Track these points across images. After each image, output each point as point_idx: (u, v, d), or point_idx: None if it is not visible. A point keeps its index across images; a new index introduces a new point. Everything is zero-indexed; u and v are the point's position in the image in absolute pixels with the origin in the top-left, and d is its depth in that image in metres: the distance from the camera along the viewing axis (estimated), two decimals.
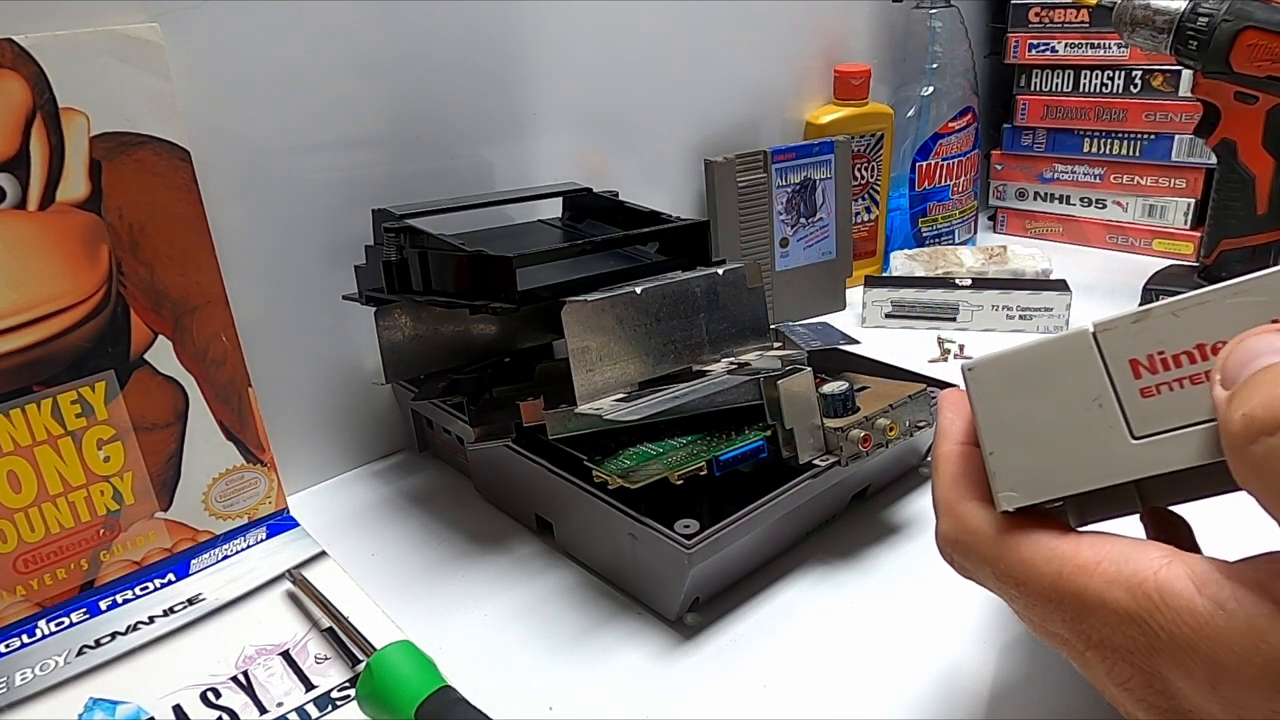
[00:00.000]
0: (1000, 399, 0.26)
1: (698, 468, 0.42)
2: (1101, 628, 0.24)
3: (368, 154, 0.55)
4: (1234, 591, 0.21)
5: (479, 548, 0.51)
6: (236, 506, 0.52)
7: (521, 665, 0.42)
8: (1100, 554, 0.24)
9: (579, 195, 0.60)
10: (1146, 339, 0.24)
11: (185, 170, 0.47)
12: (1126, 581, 0.23)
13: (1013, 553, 0.26)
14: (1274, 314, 0.22)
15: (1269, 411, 0.20)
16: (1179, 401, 0.24)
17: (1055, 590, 0.25)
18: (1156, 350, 0.24)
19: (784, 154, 0.74)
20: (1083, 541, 0.25)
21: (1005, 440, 0.26)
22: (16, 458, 0.44)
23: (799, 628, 0.44)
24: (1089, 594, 0.24)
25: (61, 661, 0.43)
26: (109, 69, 0.43)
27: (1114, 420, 0.24)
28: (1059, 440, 0.25)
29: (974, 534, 0.27)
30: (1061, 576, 0.24)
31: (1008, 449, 0.26)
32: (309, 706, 0.40)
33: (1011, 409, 0.26)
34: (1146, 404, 0.24)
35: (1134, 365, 0.24)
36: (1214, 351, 0.23)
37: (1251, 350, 0.22)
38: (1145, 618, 0.22)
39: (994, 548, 0.27)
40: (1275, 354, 0.21)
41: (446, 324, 0.53)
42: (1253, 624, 0.21)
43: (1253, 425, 0.20)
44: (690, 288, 0.49)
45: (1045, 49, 0.92)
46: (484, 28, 0.58)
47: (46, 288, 0.43)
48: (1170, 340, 0.24)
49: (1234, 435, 0.21)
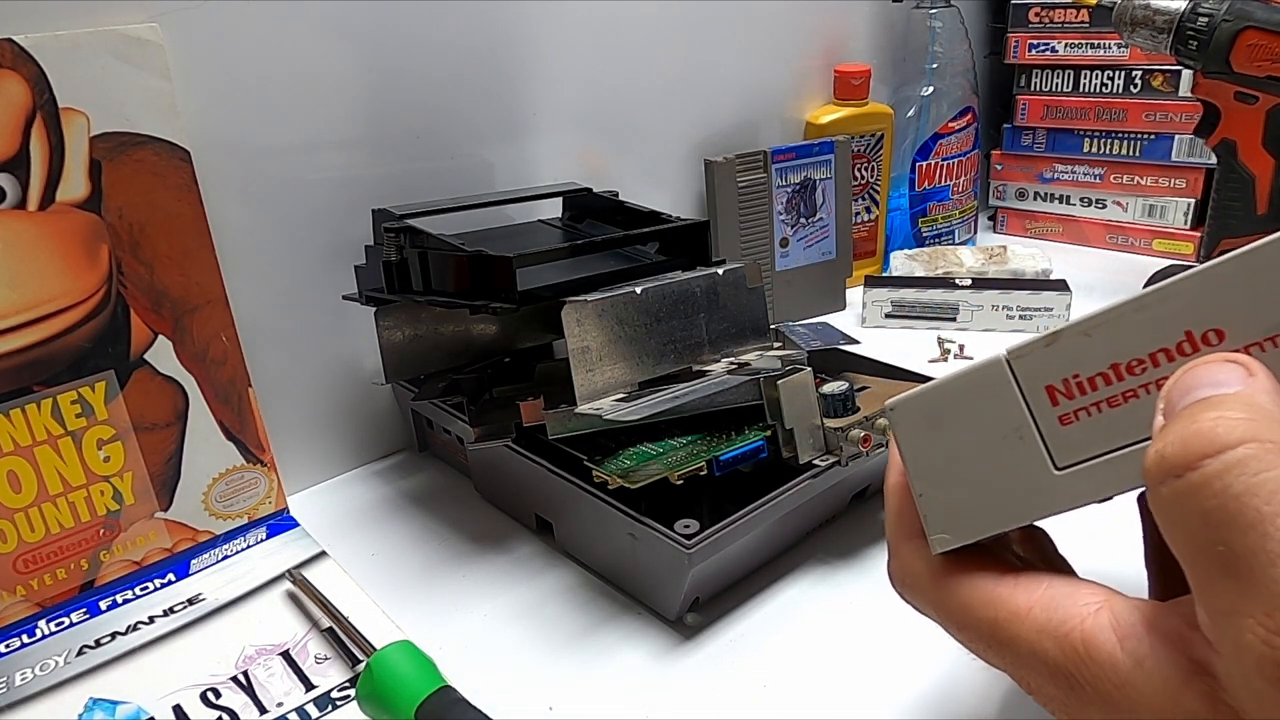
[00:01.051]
0: (924, 438, 0.25)
1: (698, 468, 0.42)
2: (1035, 678, 0.23)
3: (368, 154, 0.55)
4: (1152, 647, 0.21)
5: (479, 548, 0.51)
6: (236, 506, 0.52)
7: (521, 665, 0.42)
8: (1033, 599, 0.24)
9: (579, 195, 0.60)
10: (1060, 363, 0.23)
11: (185, 170, 0.47)
12: (1055, 631, 0.22)
13: (952, 597, 0.26)
14: (1185, 325, 0.21)
15: (1180, 452, 0.19)
16: (1099, 427, 0.22)
17: (993, 637, 0.24)
18: (1071, 374, 0.23)
19: (784, 154, 0.74)
20: (1019, 585, 0.24)
21: (933, 481, 0.25)
22: (16, 458, 0.44)
23: (799, 628, 0.44)
24: (1021, 643, 0.23)
25: (61, 661, 0.43)
26: (109, 69, 0.43)
27: (1036, 452, 0.23)
28: (985, 477, 0.24)
29: (916, 576, 0.27)
30: (997, 623, 0.24)
31: (936, 489, 0.25)
32: (309, 706, 0.40)
33: (936, 448, 0.25)
34: (1067, 432, 0.23)
35: (1050, 392, 0.23)
36: (1129, 371, 0.22)
37: (1193, 381, 0.21)
38: (1071, 670, 0.22)
39: (934, 591, 0.26)
40: (1213, 388, 0.20)
41: (446, 324, 0.53)
42: (1167, 685, 0.20)
43: (1163, 464, 0.20)
44: (690, 288, 0.49)
45: (1045, 49, 0.92)
46: (484, 28, 0.58)
47: (46, 288, 0.43)
48: (1084, 362, 0.22)
49: (1148, 472, 0.20)
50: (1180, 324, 0.21)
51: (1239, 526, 0.18)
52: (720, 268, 0.50)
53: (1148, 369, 0.22)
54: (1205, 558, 0.19)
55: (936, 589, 0.26)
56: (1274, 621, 0.18)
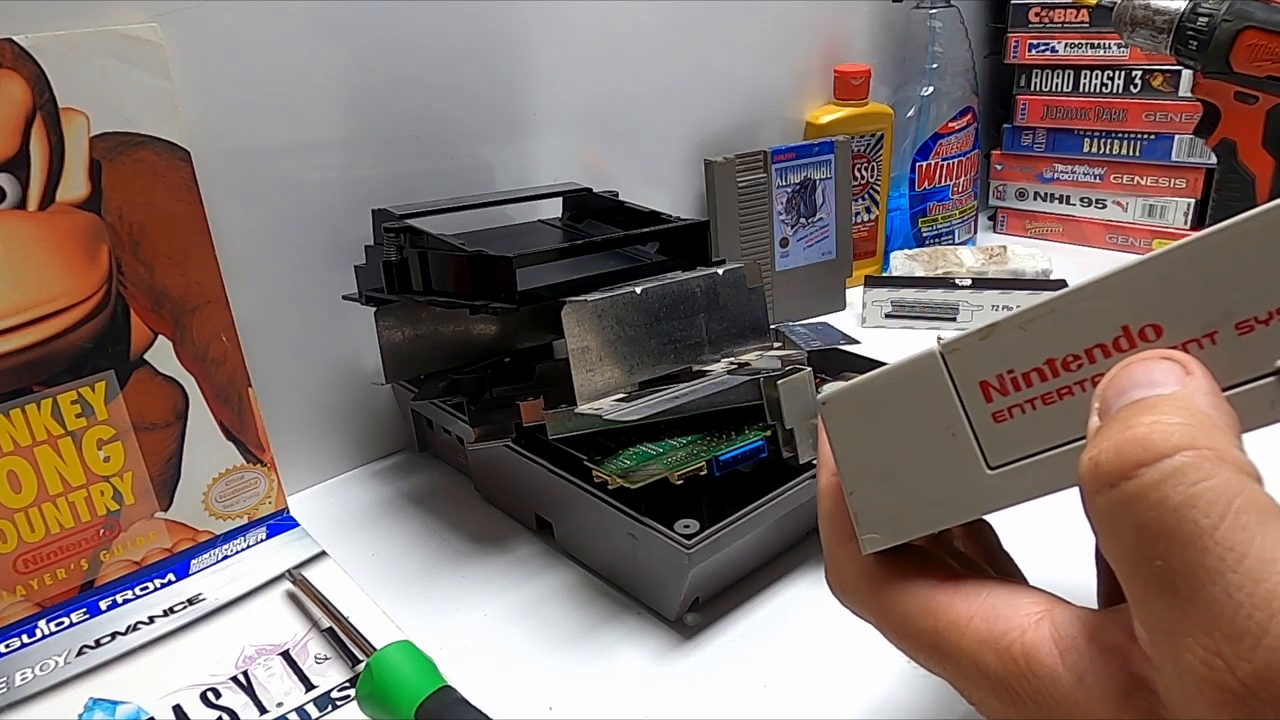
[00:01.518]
0: (856, 434, 0.24)
1: (698, 468, 0.42)
2: (976, 690, 0.22)
3: (368, 154, 0.55)
4: (1093, 662, 0.20)
5: (479, 548, 0.51)
6: (236, 506, 0.52)
7: (521, 665, 0.42)
8: (973, 608, 0.23)
9: (579, 195, 0.60)
10: (995, 357, 0.22)
11: (185, 170, 0.47)
12: (995, 643, 0.22)
13: (891, 605, 0.25)
14: (1123, 320, 0.20)
15: (1115, 460, 0.18)
16: (1033, 425, 0.21)
17: (934, 648, 0.23)
18: (1006, 369, 0.22)
19: (784, 154, 0.74)
20: (959, 593, 0.23)
21: (864, 478, 0.24)
22: (16, 458, 0.44)
23: (799, 628, 0.44)
24: (962, 654, 0.22)
25: (61, 661, 0.43)
26: (109, 69, 0.43)
27: (969, 450, 0.22)
28: (917, 476, 0.23)
29: (853, 583, 0.26)
30: (937, 633, 0.23)
31: (867, 487, 0.24)
32: (309, 706, 0.40)
33: (868, 444, 0.24)
34: (1000, 429, 0.22)
35: (984, 388, 0.22)
36: (1065, 367, 0.21)
37: (1130, 379, 0.20)
38: (1013, 685, 0.21)
39: (872, 599, 0.25)
40: (1149, 388, 0.19)
41: (446, 324, 0.53)
42: (1107, 703, 0.19)
43: (1097, 472, 0.18)
44: (690, 288, 0.49)
45: (1045, 49, 0.92)
46: (484, 27, 0.58)
47: (46, 288, 0.43)
48: (1019, 357, 0.21)
49: (1082, 479, 0.19)
50: (1117, 319, 0.20)
51: (1176, 541, 0.17)
52: (720, 268, 0.50)
53: (1083, 365, 0.21)
54: (1142, 572, 0.18)
55: (875, 596, 0.25)
56: (1213, 642, 0.17)
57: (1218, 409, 0.19)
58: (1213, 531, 0.17)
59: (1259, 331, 0.19)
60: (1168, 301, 0.20)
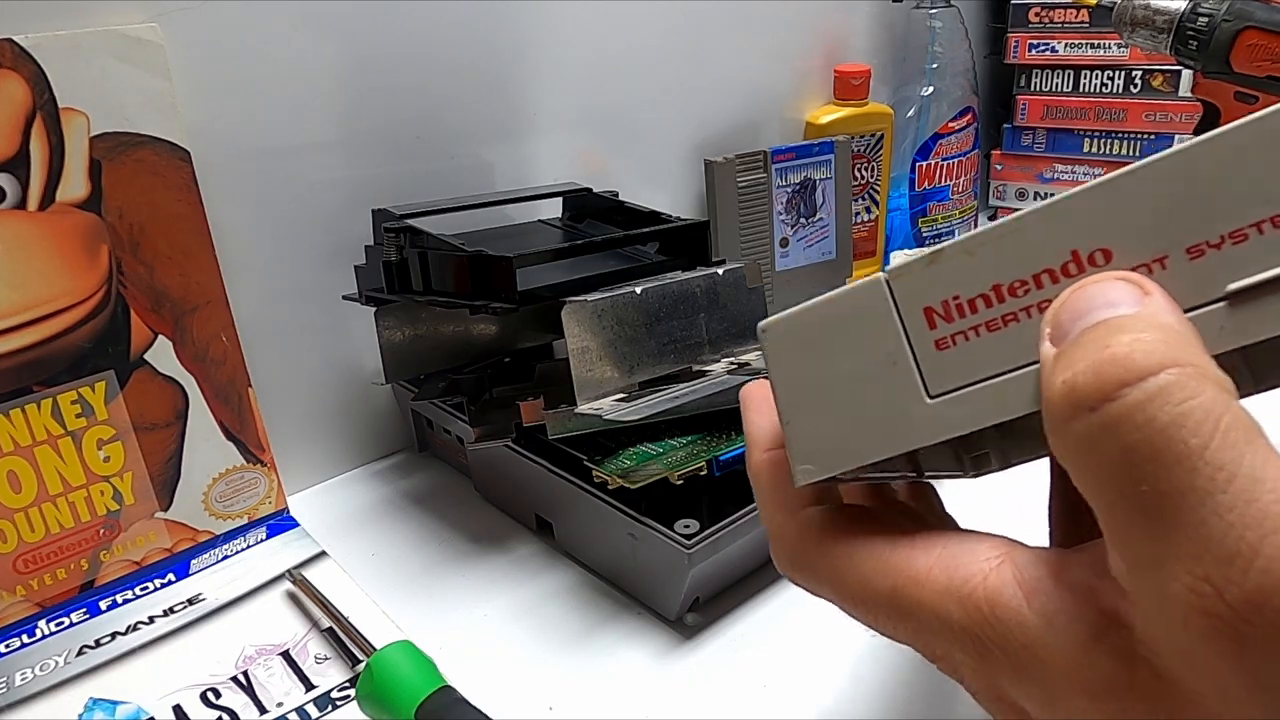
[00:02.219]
0: (796, 361, 0.23)
1: (698, 468, 0.42)
2: (942, 644, 0.21)
3: (367, 154, 0.55)
4: (1060, 602, 0.19)
5: (479, 548, 0.51)
6: (236, 506, 0.52)
7: (521, 665, 0.42)
8: (930, 560, 0.22)
9: (579, 195, 0.60)
10: (941, 283, 0.21)
11: (185, 170, 0.47)
12: (957, 591, 0.21)
13: (847, 570, 0.23)
14: (1072, 244, 0.20)
15: (1095, 382, 0.17)
16: (976, 352, 0.21)
17: (894, 608, 0.22)
18: (951, 295, 0.21)
19: (784, 154, 0.74)
20: (915, 548, 0.22)
21: (801, 407, 0.23)
22: (16, 458, 0.44)
23: (799, 628, 0.44)
24: (924, 609, 0.21)
25: (61, 661, 0.43)
26: (109, 69, 0.43)
27: (909, 379, 0.21)
28: (855, 405, 0.22)
29: (803, 553, 0.25)
30: (896, 592, 0.22)
31: (804, 417, 0.23)
32: (309, 706, 0.40)
33: (807, 372, 0.23)
34: (943, 357, 0.21)
35: (929, 314, 0.21)
36: (1011, 293, 0.20)
37: (1086, 301, 0.19)
38: (978, 633, 0.20)
39: (828, 569, 0.24)
40: (1111, 307, 0.18)
41: (446, 324, 0.53)
42: (1080, 643, 0.18)
43: (1073, 396, 0.17)
44: (690, 288, 0.49)
45: (1045, 49, 0.92)
46: (484, 28, 0.58)
47: (46, 288, 0.43)
48: (965, 283, 0.21)
49: (1053, 406, 0.18)
50: (1066, 243, 0.20)
51: (1164, 462, 0.16)
52: (720, 268, 0.50)
53: (1030, 290, 0.20)
54: (1125, 501, 0.17)
55: (829, 563, 0.24)
56: (1202, 568, 0.16)
57: (1185, 326, 0.18)
58: (1202, 451, 0.16)
59: (1209, 255, 0.19)
60: (1118, 225, 0.19)
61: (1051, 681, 0.19)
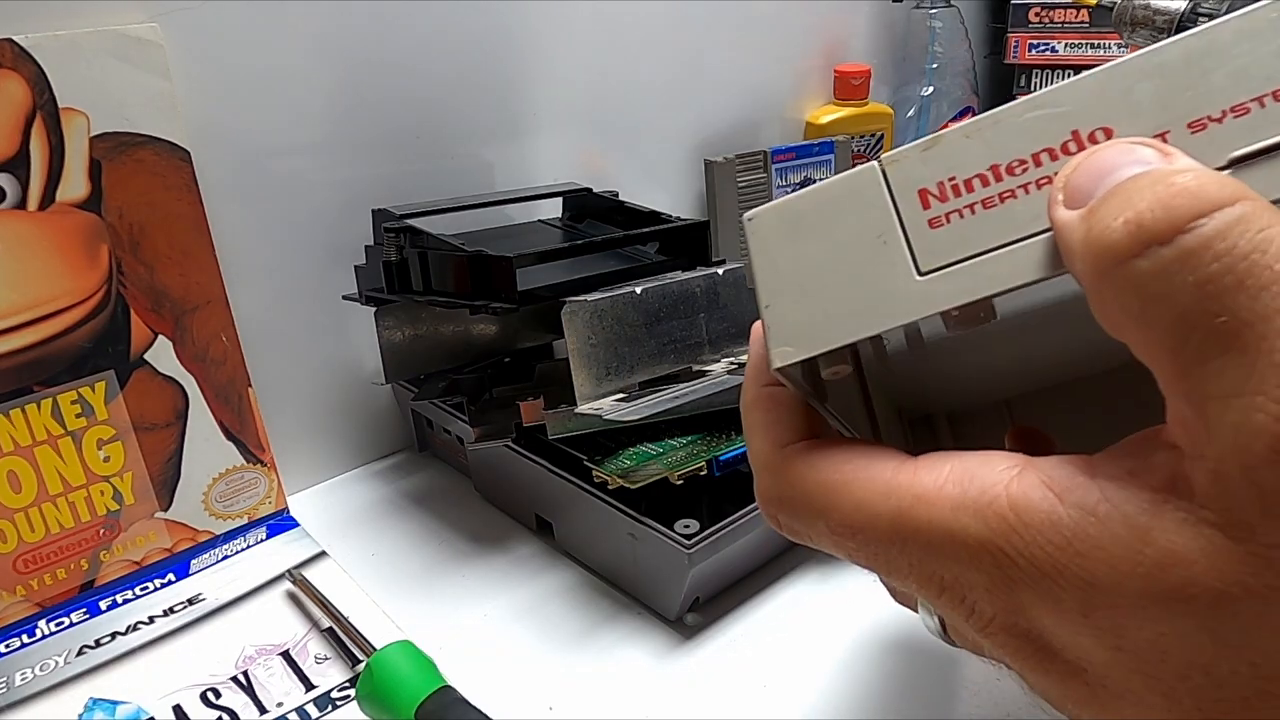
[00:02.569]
0: (780, 247, 0.23)
1: (698, 468, 0.42)
2: (953, 566, 0.20)
3: (368, 154, 0.55)
4: (1104, 491, 0.18)
5: (479, 548, 0.51)
6: (236, 506, 0.52)
7: (522, 665, 0.42)
8: (941, 476, 0.20)
9: (579, 195, 0.60)
10: (937, 167, 0.21)
11: (185, 170, 0.47)
12: (974, 503, 0.19)
13: (846, 498, 0.22)
14: (1073, 125, 0.20)
15: (1166, 215, 0.16)
16: (969, 229, 0.20)
17: (896, 532, 0.20)
18: (948, 177, 0.21)
19: (784, 154, 0.74)
20: (920, 466, 0.21)
21: (782, 291, 0.23)
22: (16, 458, 0.44)
23: (799, 628, 0.44)
24: (934, 527, 0.20)
25: (61, 661, 0.43)
26: (109, 69, 0.43)
27: (899, 257, 0.21)
28: (839, 285, 0.22)
29: (799, 485, 0.23)
30: (901, 513, 0.20)
31: (785, 300, 0.23)
32: (309, 706, 0.40)
33: (791, 256, 0.23)
34: (935, 235, 0.21)
35: (923, 195, 0.21)
36: (1009, 171, 0.20)
37: (1107, 162, 0.18)
38: (1001, 544, 0.19)
39: (824, 496, 0.22)
40: (1141, 164, 0.18)
41: (446, 324, 0.53)
42: (1132, 525, 0.17)
43: (1141, 233, 0.17)
44: (690, 288, 0.49)
45: (1045, 49, 0.92)
46: (484, 28, 0.58)
47: (46, 288, 0.43)
48: (962, 164, 0.21)
49: (1110, 249, 0.17)
50: (1067, 124, 0.20)
51: (1248, 290, 0.16)
52: (720, 268, 0.50)
53: (1029, 169, 0.20)
54: (1199, 333, 0.16)
55: (822, 490, 0.22)
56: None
57: None
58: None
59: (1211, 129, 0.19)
60: (1119, 105, 0.19)
61: (1094, 578, 0.18)
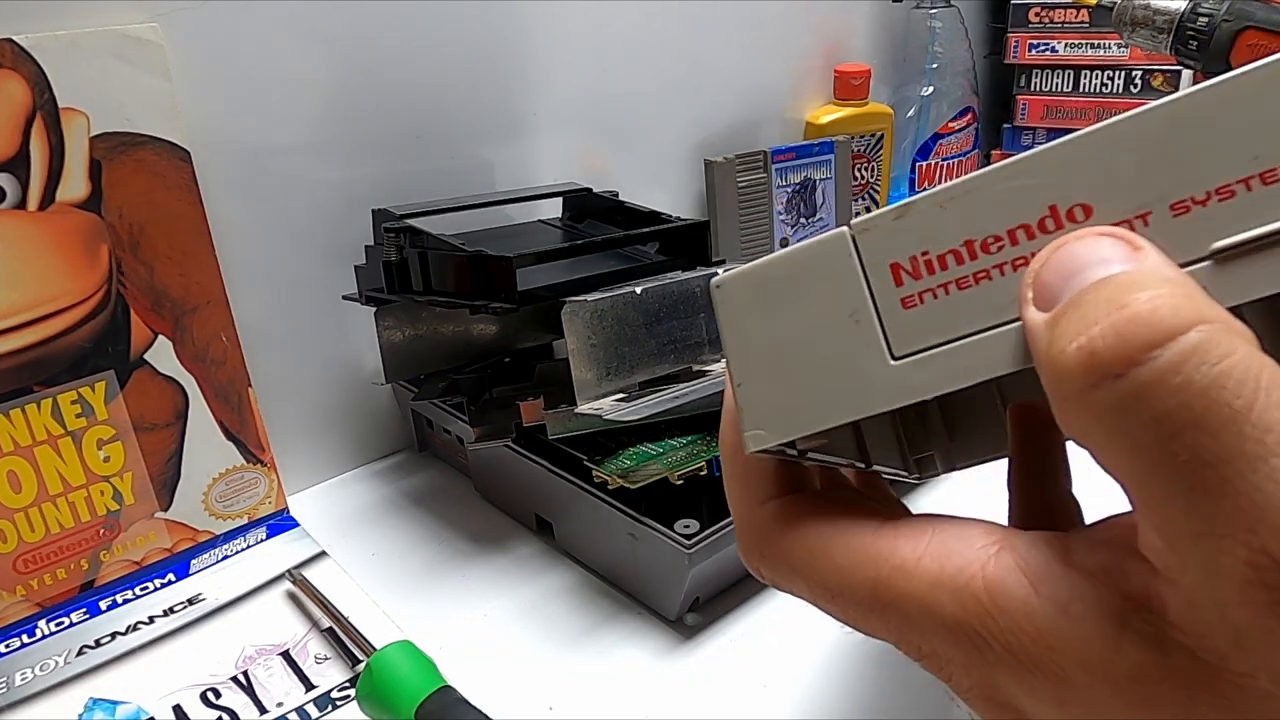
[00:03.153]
0: (750, 321, 0.22)
1: (698, 468, 0.42)
2: (930, 639, 0.20)
3: (368, 154, 0.55)
4: (1077, 588, 0.17)
5: (479, 548, 0.51)
6: (236, 506, 0.52)
7: (522, 665, 0.42)
8: (919, 548, 0.20)
9: (579, 195, 0.60)
10: (909, 238, 0.20)
11: (185, 170, 0.47)
12: (950, 582, 0.19)
13: (825, 561, 0.21)
14: (1050, 199, 0.19)
15: (1118, 345, 0.15)
16: (944, 311, 0.19)
17: (875, 599, 0.20)
18: (920, 250, 0.20)
19: (784, 154, 0.74)
20: (900, 533, 0.20)
21: (755, 369, 0.22)
22: (16, 458, 0.44)
23: (799, 628, 0.44)
24: (911, 601, 0.19)
25: (61, 661, 0.43)
26: (109, 69, 0.43)
27: (872, 339, 0.20)
28: (814, 366, 0.21)
29: (778, 545, 0.23)
30: (879, 582, 0.20)
31: (757, 380, 0.22)
32: (309, 706, 0.40)
33: (762, 332, 0.22)
34: (908, 316, 0.20)
35: (895, 270, 0.20)
36: (984, 249, 0.19)
37: (1076, 260, 0.17)
38: (975, 627, 0.18)
39: (803, 559, 0.22)
40: (1105, 265, 0.16)
41: (446, 324, 0.53)
42: (1104, 633, 0.17)
43: (1093, 363, 0.16)
44: (690, 288, 0.49)
45: (1045, 49, 0.92)
46: (484, 28, 0.58)
47: (46, 288, 0.43)
48: (935, 238, 0.19)
49: (1065, 375, 0.16)
50: (1044, 197, 0.19)
51: (1207, 428, 0.15)
52: (720, 268, 0.50)
53: (1004, 247, 0.19)
54: (1162, 472, 0.15)
55: (802, 552, 0.22)
56: (1259, 539, 0.14)
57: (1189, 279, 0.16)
58: (1247, 413, 0.15)
59: (1195, 213, 0.18)
60: (1099, 180, 0.18)
61: (1066, 675, 0.17)
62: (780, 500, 0.23)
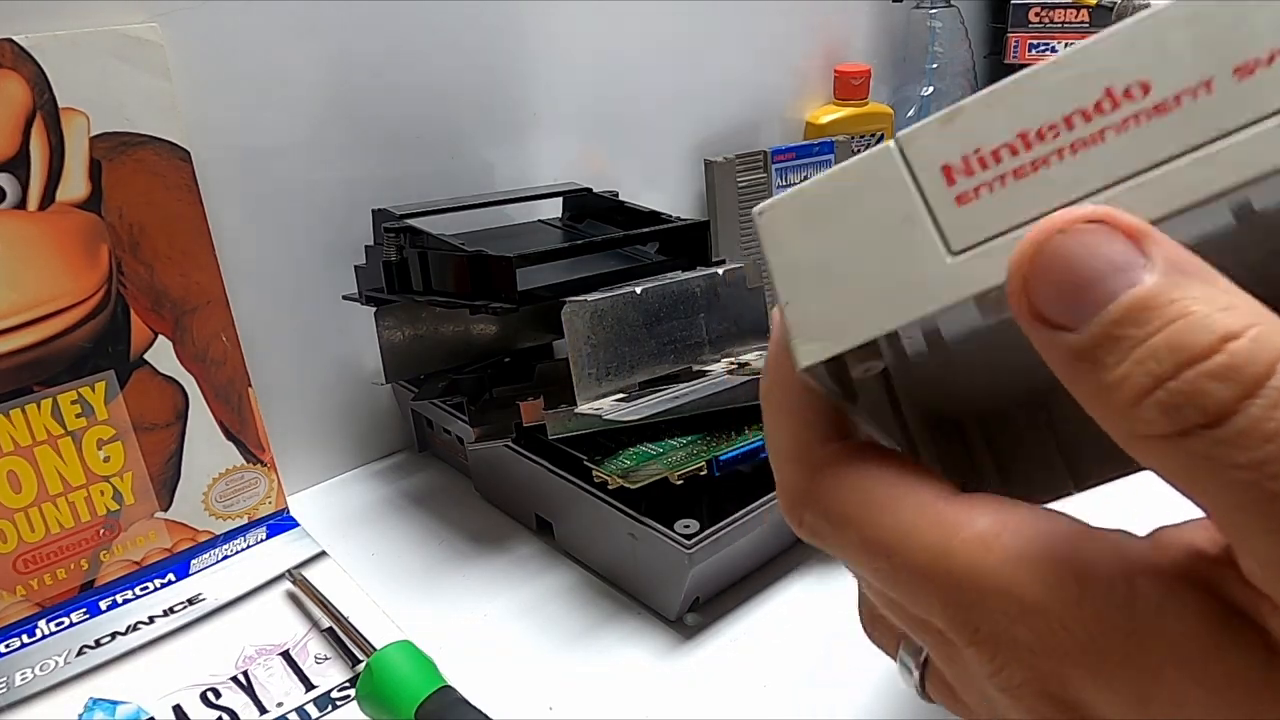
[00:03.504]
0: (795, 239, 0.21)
1: (698, 468, 0.42)
2: (998, 619, 0.18)
3: (368, 154, 0.55)
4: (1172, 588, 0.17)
5: (479, 548, 0.51)
6: (236, 506, 0.52)
7: (522, 665, 0.42)
8: (1001, 522, 0.19)
9: (579, 195, 0.60)
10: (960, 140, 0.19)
11: (185, 170, 0.47)
12: (1036, 563, 0.18)
13: (888, 514, 0.20)
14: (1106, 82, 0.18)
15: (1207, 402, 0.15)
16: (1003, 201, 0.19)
17: (937, 567, 0.19)
18: (973, 150, 0.19)
19: (784, 154, 0.74)
20: (978, 505, 0.19)
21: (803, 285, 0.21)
22: (16, 458, 0.44)
23: (799, 628, 0.44)
24: (984, 575, 0.18)
25: (61, 661, 0.43)
26: (109, 69, 0.43)
27: (927, 238, 0.20)
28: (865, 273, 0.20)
29: (835, 488, 0.21)
30: (949, 550, 0.19)
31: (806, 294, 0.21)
32: (309, 706, 0.40)
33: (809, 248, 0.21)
34: (964, 212, 0.19)
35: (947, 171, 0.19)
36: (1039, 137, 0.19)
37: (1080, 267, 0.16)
38: (1062, 611, 0.17)
39: (862, 507, 0.20)
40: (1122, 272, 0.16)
41: (446, 324, 0.53)
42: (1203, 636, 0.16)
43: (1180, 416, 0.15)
44: (690, 288, 0.49)
45: (1045, 49, 0.92)
46: (484, 28, 0.58)
47: (46, 288, 0.43)
48: (987, 136, 0.19)
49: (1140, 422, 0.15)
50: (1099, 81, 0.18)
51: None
52: (720, 268, 0.50)
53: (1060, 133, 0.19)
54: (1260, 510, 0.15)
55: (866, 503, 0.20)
56: None
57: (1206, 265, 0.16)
58: None
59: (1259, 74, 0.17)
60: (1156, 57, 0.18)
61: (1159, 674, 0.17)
62: (844, 443, 0.21)
